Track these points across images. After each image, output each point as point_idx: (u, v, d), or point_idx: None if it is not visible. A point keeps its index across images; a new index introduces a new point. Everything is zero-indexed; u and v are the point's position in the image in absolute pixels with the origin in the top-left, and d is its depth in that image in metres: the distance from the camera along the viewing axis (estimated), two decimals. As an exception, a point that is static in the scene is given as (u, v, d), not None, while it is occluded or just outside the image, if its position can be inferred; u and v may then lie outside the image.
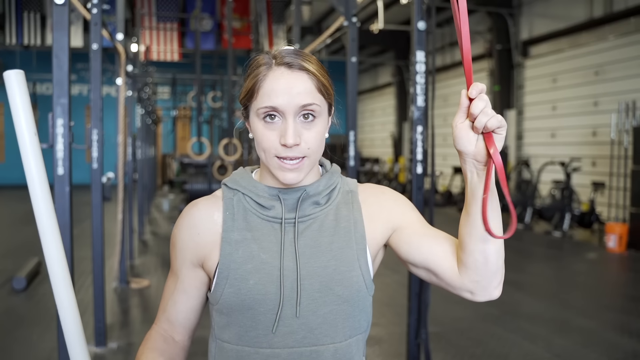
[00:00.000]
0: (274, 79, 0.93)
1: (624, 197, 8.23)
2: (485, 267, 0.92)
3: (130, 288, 5.30)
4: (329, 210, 1.01)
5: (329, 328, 0.96)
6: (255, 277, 0.94)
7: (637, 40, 8.89)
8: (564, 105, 10.51)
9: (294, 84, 0.93)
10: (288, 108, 0.92)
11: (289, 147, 0.92)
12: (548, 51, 11.03)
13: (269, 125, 0.94)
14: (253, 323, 0.95)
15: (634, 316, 4.61)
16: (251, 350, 0.95)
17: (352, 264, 0.98)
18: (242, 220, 0.98)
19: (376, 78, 20.13)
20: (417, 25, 3.00)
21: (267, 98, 0.92)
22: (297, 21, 5.89)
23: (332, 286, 0.96)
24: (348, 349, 0.98)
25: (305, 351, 0.95)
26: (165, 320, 1.06)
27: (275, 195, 0.99)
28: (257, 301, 0.94)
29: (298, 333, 0.94)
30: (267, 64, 0.95)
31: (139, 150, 7.81)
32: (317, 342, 0.95)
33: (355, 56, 4.19)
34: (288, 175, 0.94)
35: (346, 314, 0.97)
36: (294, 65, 0.94)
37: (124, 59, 5.18)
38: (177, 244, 1.03)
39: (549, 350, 3.74)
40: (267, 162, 0.95)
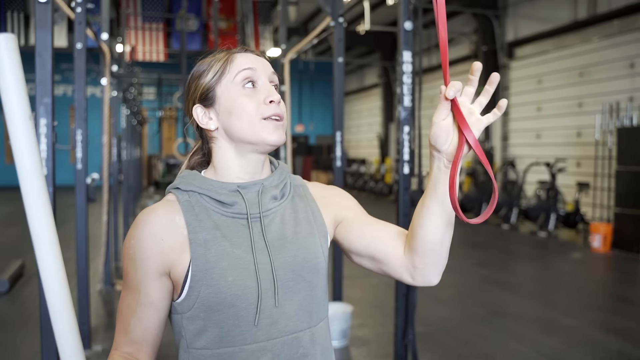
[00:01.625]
0: (242, 56, 1.01)
1: (609, 197, 8.32)
2: (433, 254, 0.98)
3: (115, 290, 5.24)
4: (286, 204, 1.05)
5: (304, 314, 1.00)
6: (233, 273, 0.94)
7: (620, 42, 9.00)
8: (549, 107, 10.61)
9: (261, 59, 1.03)
10: (264, 74, 1.00)
11: (275, 104, 0.98)
12: (533, 53, 11.12)
13: (250, 92, 0.98)
14: (235, 321, 0.94)
15: (619, 315, 4.65)
16: (235, 349, 0.95)
17: (317, 251, 1.03)
18: (207, 219, 0.97)
19: (362, 79, 20.17)
20: (404, 26, 3.00)
21: (244, 64, 0.99)
22: (283, 22, 5.87)
23: (302, 274, 1.00)
24: (321, 332, 1.03)
25: (287, 339, 0.97)
26: (128, 343, 0.99)
27: (234, 190, 1.00)
28: (238, 297, 0.94)
29: (279, 322, 0.97)
30: (226, 53, 1.02)
31: (124, 151, 7.74)
32: (296, 328, 0.98)
33: (342, 57, 4.19)
34: (274, 134, 0.97)
35: (316, 298, 1.02)
36: (253, 52, 1.03)
37: (109, 59, 5.12)
38: (137, 254, 0.97)
39: (536, 350, 3.76)
40: (252, 127, 0.97)
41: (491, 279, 5.91)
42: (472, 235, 8.84)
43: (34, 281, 5.24)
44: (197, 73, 1.03)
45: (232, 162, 1.02)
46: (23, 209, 1.10)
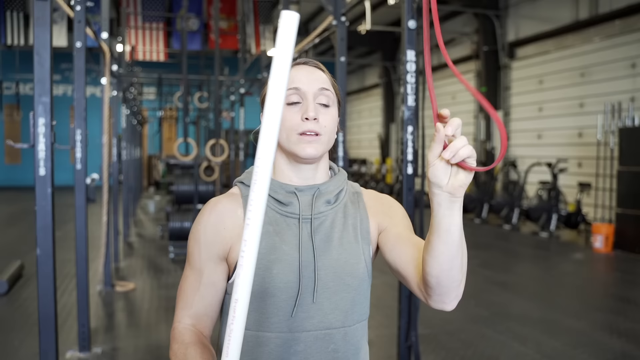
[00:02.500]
0: (295, 71, 1.09)
1: (610, 197, 8.29)
2: (439, 287, 0.96)
3: (115, 291, 5.21)
4: (338, 209, 1.11)
5: (340, 313, 1.07)
6: (278, 266, 1.03)
7: (621, 42, 8.97)
8: (550, 107, 10.58)
9: (313, 72, 1.10)
10: (309, 89, 1.07)
11: (309, 120, 1.04)
12: (534, 53, 11.09)
13: (291, 108, 1.06)
14: (274, 309, 1.03)
15: (622, 316, 4.62)
16: (272, 335, 1.04)
17: (359, 256, 1.09)
18: (276, 218, 1.07)
19: (363, 79, 20.14)
20: (408, 24, 2.96)
21: (291, 82, 1.06)
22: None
23: (343, 276, 1.07)
24: (355, 333, 1.10)
25: (319, 334, 1.05)
26: (191, 316, 1.08)
27: (291, 192, 1.08)
28: (279, 289, 1.03)
29: (314, 317, 1.04)
30: None
31: (124, 151, 7.71)
32: (330, 325, 1.06)
33: (344, 56, 4.15)
34: (307, 149, 1.04)
35: (354, 301, 1.09)
36: (310, 63, 1.11)
37: (109, 58, 5.09)
38: (202, 238, 1.08)
39: (539, 352, 3.73)
40: (289, 140, 1.05)
41: (493, 279, 5.88)
42: (474, 236, 8.81)
43: (33, 282, 5.21)
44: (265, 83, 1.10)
45: (285, 166, 1.11)
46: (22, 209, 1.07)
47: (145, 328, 4.21)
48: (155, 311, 4.63)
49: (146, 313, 4.59)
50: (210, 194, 6.79)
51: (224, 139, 6.46)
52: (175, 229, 6.56)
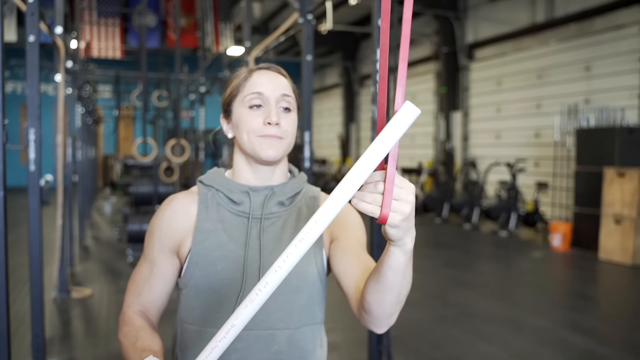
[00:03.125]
0: (258, 76, 1.11)
1: (567, 196, 8.50)
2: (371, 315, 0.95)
3: (71, 298, 4.98)
4: (291, 211, 1.13)
5: (285, 314, 1.08)
6: (223, 263, 1.07)
7: (576, 45, 9.21)
8: (508, 108, 10.79)
9: (276, 78, 1.12)
10: (271, 95, 1.09)
11: (272, 125, 1.06)
12: (493, 54, 11.29)
13: (254, 112, 1.09)
14: (218, 305, 1.06)
15: (583, 314, 4.71)
16: (214, 330, 1.03)
17: (309, 259, 1.10)
18: (215, 212, 1.11)
19: (323, 79, 20.13)
20: (378, 23, 2.91)
21: (254, 87, 1.09)
22: (247, 19, 5.71)
23: (290, 278, 1.05)
24: (302, 336, 1.10)
25: (262, 334, 1.06)
26: (140, 303, 1.11)
27: (245, 191, 1.12)
28: (223, 285, 1.06)
29: (257, 317, 1.04)
30: (248, 70, 1.14)
31: (79, 151, 7.42)
32: (273, 326, 1.07)
33: (310, 54, 4.06)
34: (269, 150, 1.07)
35: (301, 303, 1.09)
36: (272, 69, 1.14)
37: (64, 54, 4.86)
38: (156, 232, 1.13)
39: (507, 351, 3.75)
40: (250, 142, 1.08)
41: (457, 279, 5.92)
42: (435, 236, 8.88)
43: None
44: (226, 85, 1.18)
45: (243, 167, 1.14)
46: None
47: (104, 336, 4.03)
48: (114, 318, 4.44)
49: (104, 320, 4.40)
50: (170, 195, 6.61)
51: (184, 139, 6.28)
52: (133, 231, 6.35)
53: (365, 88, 16.98)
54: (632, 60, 8.37)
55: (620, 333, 4.26)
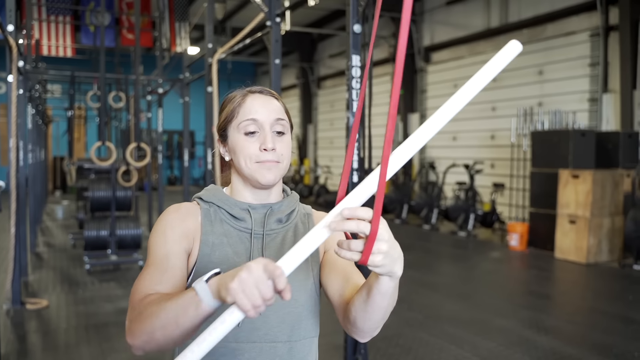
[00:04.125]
0: (252, 100, 1.14)
1: (523, 197, 8.74)
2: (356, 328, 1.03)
3: (25, 309, 4.74)
4: (289, 228, 1.17)
5: (286, 327, 1.10)
6: None
7: (529, 50, 9.48)
8: (464, 110, 10.97)
9: (269, 102, 1.15)
10: (266, 120, 1.12)
11: (267, 151, 1.10)
12: (449, 58, 11.50)
13: (249, 138, 1.12)
14: None
15: (545, 313, 4.84)
16: (217, 344, 0.98)
17: (307, 273, 1.14)
18: (220, 227, 1.13)
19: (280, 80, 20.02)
20: (353, 29, 2.89)
21: (248, 113, 1.12)
22: (210, 20, 5.60)
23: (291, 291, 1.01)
24: (302, 349, 1.12)
25: (265, 346, 1.08)
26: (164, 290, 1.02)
27: (245, 209, 1.15)
28: None
29: (260, 330, 1.08)
30: (242, 94, 1.16)
31: (30, 154, 7.10)
32: (275, 339, 1.09)
33: (278, 58, 4.02)
34: (267, 175, 1.10)
35: (301, 317, 1.12)
36: (265, 92, 1.16)
37: (16, 53, 4.62)
38: (168, 231, 1.09)
39: (476, 354, 3.80)
40: (248, 168, 1.11)
41: (420, 281, 5.98)
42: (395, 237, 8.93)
43: None
44: (221, 108, 1.19)
45: (241, 188, 1.17)
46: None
47: (64, 350, 3.85)
48: (74, 330, 4.26)
49: (64, 333, 4.21)
50: (128, 200, 6.41)
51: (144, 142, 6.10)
52: (91, 237, 6.12)
53: (322, 89, 17.00)
54: (582, 66, 8.69)
55: (582, 331, 4.39)
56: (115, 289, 5.45)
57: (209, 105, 5.39)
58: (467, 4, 10.92)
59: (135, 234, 6.25)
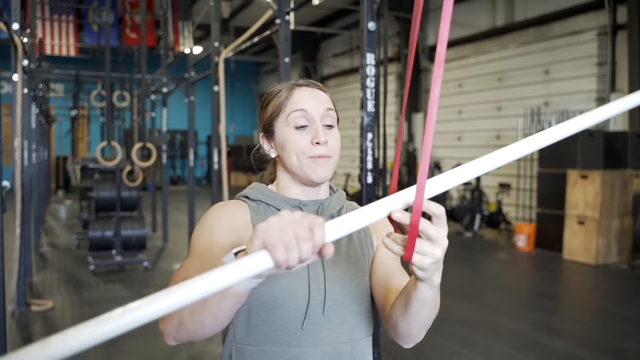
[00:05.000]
0: (300, 93, 1.09)
1: (530, 197, 8.67)
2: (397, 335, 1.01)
3: (31, 311, 4.69)
4: None
5: (347, 327, 1.06)
6: (287, 278, 1.02)
7: (535, 49, 9.42)
8: (470, 109, 10.94)
9: (317, 94, 1.11)
10: (316, 112, 1.08)
11: (320, 145, 1.05)
12: (454, 57, 11.43)
13: (300, 132, 1.07)
14: (283, 322, 1.01)
15: (556, 315, 4.78)
16: (279, 349, 1.01)
17: (365, 270, 1.11)
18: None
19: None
20: (368, 26, 2.83)
21: (297, 104, 1.08)
22: (216, 19, 5.54)
23: (350, 289, 1.07)
24: (362, 348, 1.09)
25: (327, 349, 1.03)
26: None
27: (296, 206, 1.09)
28: (288, 300, 1.01)
29: (322, 331, 1.03)
30: (288, 87, 1.11)
31: (34, 153, 7.05)
32: (337, 340, 1.04)
33: (288, 56, 3.97)
34: (319, 171, 1.06)
35: (361, 315, 1.08)
36: (311, 85, 1.12)
37: (22, 52, 4.57)
38: (216, 226, 1.05)
39: (489, 357, 3.74)
40: (300, 164, 1.06)
41: (429, 282, 5.91)
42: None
43: None
44: (265, 103, 1.13)
45: (289, 184, 1.12)
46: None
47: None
48: (80, 332, 4.20)
49: (70, 335, 4.15)
50: (133, 200, 6.35)
51: (149, 142, 6.05)
52: (95, 238, 6.07)
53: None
54: (589, 65, 8.62)
55: (595, 334, 4.33)
56: (121, 290, 5.39)
57: (216, 105, 5.34)
58: (472, 3, 10.85)
59: (140, 234, 6.19)
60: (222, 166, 4.95)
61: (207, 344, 3.98)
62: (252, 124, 22.25)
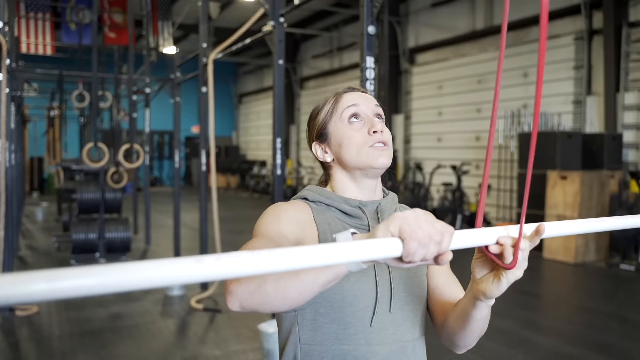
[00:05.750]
0: (348, 96, 1.15)
1: (511, 198, 8.83)
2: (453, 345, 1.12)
3: (15, 316, 4.60)
4: None
5: (410, 325, 1.09)
6: (355, 276, 1.04)
7: (514, 52, 9.60)
8: (449, 111, 11.09)
9: (363, 94, 1.17)
10: (367, 108, 1.13)
11: (378, 133, 1.09)
12: (434, 59, 11.57)
13: (354, 125, 1.11)
14: (352, 320, 1.03)
15: (539, 313, 4.89)
16: (349, 347, 1.03)
17: (423, 269, 1.15)
18: (335, 225, 1.08)
19: (262, 80, 19.93)
20: (367, 30, 2.86)
21: (350, 101, 1.13)
22: (204, 20, 5.52)
23: (412, 288, 1.11)
24: (422, 345, 1.12)
25: (394, 347, 1.06)
26: None
27: (356, 206, 1.11)
28: (357, 297, 1.03)
29: (388, 329, 1.05)
30: (335, 95, 1.17)
31: (12, 154, 6.91)
32: (402, 338, 1.07)
33: (282, 59, 3.98)
34: (380, 159, 1.08)
35: (421, 314, 1.11)
36: (358, 90, 1.18)
37: (6, 51, 4.49)
38: (283, 216, 1.06)
39: (480, 355, 3.81)
40: (359, 155, 1.09)
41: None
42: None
43: None
44: (313, 115, 1.18)
45: (347, 184, 1.14)
46: None
47: (61, 358, 3.74)
48: (68, 338, 4.14)
49: (58, 340, 4.09)
50: (117, 202, 6.28)
51: (138, 144, 5.99)
52: (79, 240, 5.98)
53: (305, 90, 16.97)
54: (566, 69, 8.82)
55: (580, 331, 4.44)
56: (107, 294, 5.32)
57: (204, 106, 5.31)
58: (452, 6, 11.00)
59: (124, 236, 6.13)
60: (211, 167, 4.92)
61: (200, 346, 3.97)
62: (231, 125, 22.15)
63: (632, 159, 7.91)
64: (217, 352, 3.85)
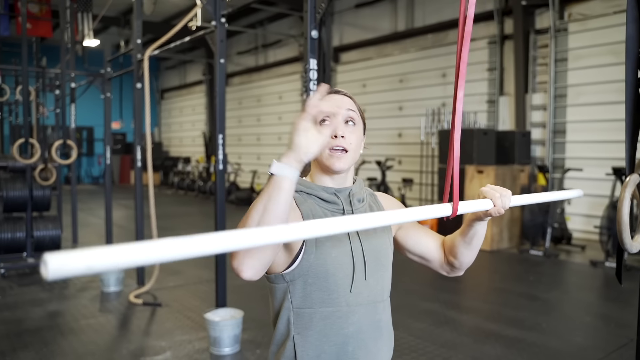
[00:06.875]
0: (328, 98, 1.33)
1: (432, 191, 9.37)
2: (464, 265, 1.40)
3: (-57, 318, 4.43)
4: (366, 206, 1.37)
5: (380, 288, 1.32)
6: (336, 251, 1.26)
7: (433, 54, 10.17)
8: (373, 109, 11.54)
9: (341, 98, 1.33)
10: (339, 112, 1.28)
11: (337, 138, 1.25)
12: (358, 58, 11.98)
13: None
14: (335, 287, 1.25)
15: (461, 295, 5.32)
16: (333, 309, 1.25)
17: (388, 242, 1.38)
18: (317, 211, 1.27)
19: (185, 75, 19.64)
20: (311, 34, 3.08)
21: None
22: (138, 15, 5.50)
23: (380, 258, 1.33)
24: (388, 305, 1.38)
25: (368, 307, 1.29)
26: None
27: (332, 193, 1.31)
28: (337, 269, 1.25)
29: (363, 292, 1.28)
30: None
31: None
32: (375, 299, 1.31)
33: (223, 58, 4.10)
34: (336, 163, 1.26)
35: (386, 278, 1.36)
36: (339, 92, 1.35)
37: None
38: None
39: (411, 334, 4.14)
40: (322, 157, 1.27)
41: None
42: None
43: None
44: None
45: (322, 175, 1.33)
46: None
47: (1, 359, 3.69)
48: (6, 337, 4.06)
49: (-6, 340, 4.01)
50: (46, 199, 6.11)
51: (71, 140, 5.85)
52: (5, 240, 5.78)
53: (230, 86, 16.92)
54: (481, 70, 9.47)
55: (497, 309, 4.91)
56: (40, 293, 5.22)
57: (138, 102, 5.32)
58: (375, 7, 11.44)
59: (54, 234, 5.99)
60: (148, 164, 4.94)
61: (145, 338, 4.03)
62: (153, 121, 21.62)
63: (539, 154, 8.66)
64: (162, 343, 3.94)
